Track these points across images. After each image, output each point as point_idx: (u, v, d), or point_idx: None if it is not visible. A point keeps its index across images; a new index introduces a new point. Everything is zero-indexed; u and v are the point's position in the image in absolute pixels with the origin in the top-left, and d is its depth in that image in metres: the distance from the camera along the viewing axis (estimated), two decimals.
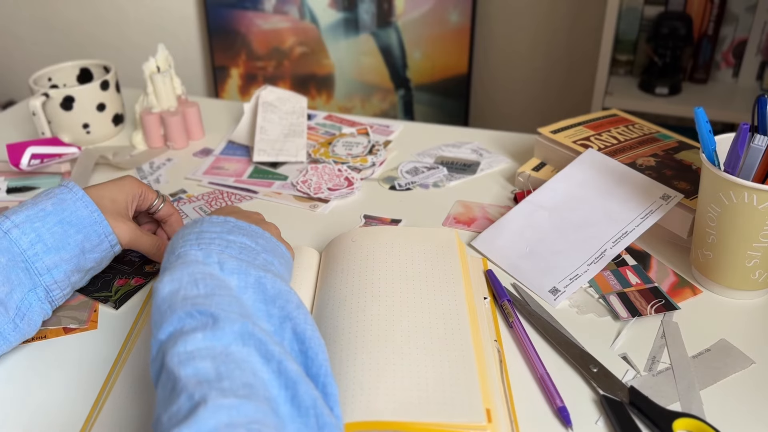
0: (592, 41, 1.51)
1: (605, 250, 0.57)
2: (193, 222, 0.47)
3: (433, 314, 0.48)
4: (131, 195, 0.56)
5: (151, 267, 0.60)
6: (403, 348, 0.45)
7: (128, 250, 0.58)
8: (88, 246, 0.51)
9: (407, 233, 0.57)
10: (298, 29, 1.65)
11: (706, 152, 0.52)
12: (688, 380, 0.46)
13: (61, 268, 0.50)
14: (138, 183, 0.57)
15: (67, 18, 1.84)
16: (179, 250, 0.44)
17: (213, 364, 0.34)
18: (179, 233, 0.47)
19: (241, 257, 0.44)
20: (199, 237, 0.45)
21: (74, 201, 0.51)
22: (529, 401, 0.45)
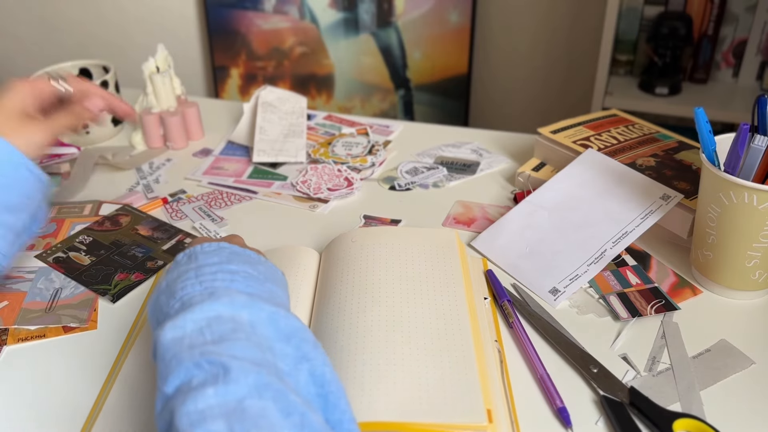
0: (592, 41, 1.51)
1: (605, 251, 0.57)
2: (184, 255, 0.43)
3: (434, 315, 0.48)
4: (19, 97, 0.54)
5: (153, 264, 0.60)
6: (403, 349, 0.45)
7: (133, 245, 0.59)
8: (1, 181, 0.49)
9: (407, 234, 0.57)
10: (298, 29, 1.65)
11: (706, 152, 0.51)
12: (688, 380, 0.46)
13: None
14: (20, 81, 0.55)
15: (67, 18, 1.84)
16: (180, 293, 0.39)
17: (227, 423, 0.30)
18: (173, 271, 0.42)
19: (249, 290, 0.40)
20: (198, 273, 0.40)
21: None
22: (529, 402, 0.45)
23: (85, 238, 0.63)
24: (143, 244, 0.62)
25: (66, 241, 0.63)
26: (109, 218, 0.66)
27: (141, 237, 0.63)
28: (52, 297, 0.56)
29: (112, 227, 0.64)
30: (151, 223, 0.66)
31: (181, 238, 0.63)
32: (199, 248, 0.43)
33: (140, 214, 0.67)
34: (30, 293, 0.56)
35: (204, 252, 0.43)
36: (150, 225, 0.65)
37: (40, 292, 0.56)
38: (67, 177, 0.76)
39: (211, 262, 0.41)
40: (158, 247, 0.62)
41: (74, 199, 0.72)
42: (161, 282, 0.42)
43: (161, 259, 0.60)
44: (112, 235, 0.63)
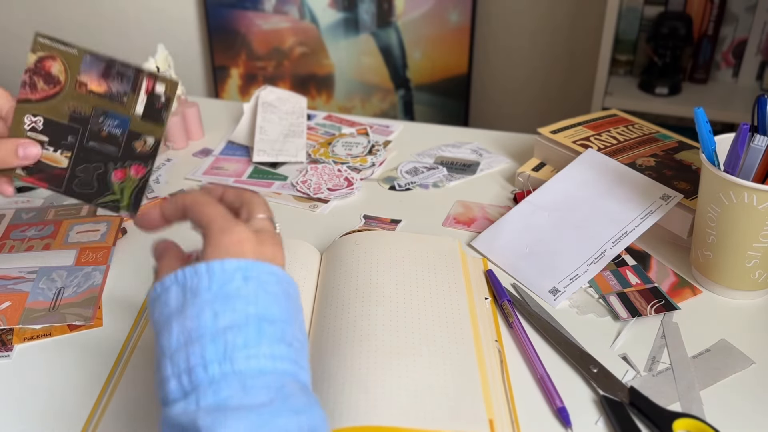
0: (592, 41, 1.51)
1: (605, 251, 0.57)
2: (190, 293, 0.34)
3: (437, 323, 0.48)
4: None
5: (142, 144, 0.49)
6: (406, 355, 0.45)
7: (98, 115, 0.47)
8: None
9: (410, 240, 0.57)
10: (298, 29, 1.65)
11: (706, 152, 0.51)
12: (688, 380, 0.46)
13: None
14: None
15: (67, 18, 1.84)
16: (187, 381, 0.32)
17: None
18: (175, 320, 0.34)
19: (290, 407, 0.32)
20: (216, 355, 0.32)
21: None
22: (529, 401, 0.45)
23: (35, 120, 0.48)
24: (110, 111, 0.49)
25: (14, 133, 0.48)
26: (36, 71, 0.48)
27: (98, 97, 0.48)
28: (55, 296, 0.56)
29: (51, 88, 0.48)
30: (95, 66, 0.48)
31: (149, 87, 0.48)
32: (211, 293, 0.34)
33: (69, 50, 0.48)
34: (32, 293, 0.56)
35: (224, 311, 0.34)
36: (97, 70, 0.48)
37: (42, 291, 0.56)
38: None
39: (238, 341, 0.33)
40: (130, 110, 0.49)
41: (74, 199, 0.72)
42: (160, 322, 0.35)
43: (148, 134, 0.48)
44: (60, 103, 0.48)
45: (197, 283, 0.34)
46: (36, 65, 0.48)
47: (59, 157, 0.49)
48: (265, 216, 0.40)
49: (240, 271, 0.35)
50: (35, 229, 0.65)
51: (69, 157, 0.49)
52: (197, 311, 0.33)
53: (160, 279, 0.36)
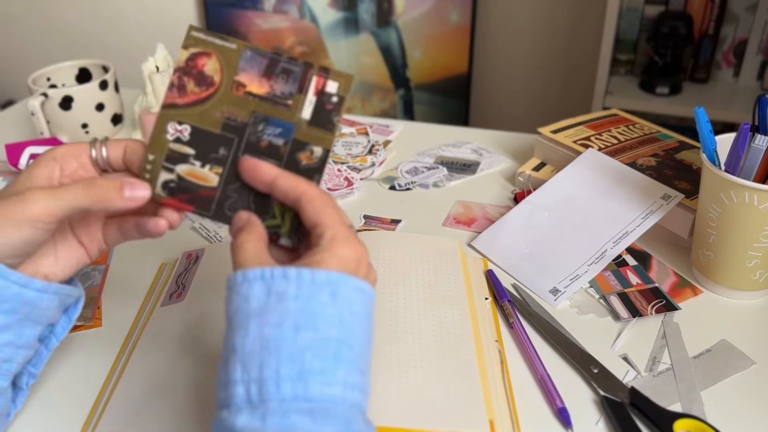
0: (592, 41, 1.51)
1: (606, 251, 0.57)
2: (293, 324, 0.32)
3: (437, 323, 0.48)
4: (40, 171, 0.38)
5: (308, 156, 0.40)
6: (407, 355, 0.45)
7: (256, 122, 0.39)
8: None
9: (410, 240, 0.57)
10: (298, 29, 1.65)
11: (707, 152, 0.51)
12: (689, 381, 0.46)
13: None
14: (51, 149, 0.40)
15: (66, 17, 1.84)
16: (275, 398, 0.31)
17: None
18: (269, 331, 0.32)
19: None
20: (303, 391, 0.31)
21: None
22: (530, 402, 0.45)
23: (180, 128, 0.40)
24: (272, 117, 0.40)
25: (154, 145, 0.39)
26: (188, 71, 0.39)
27: (258, 101, 0.40)
28: None
29: (203, 91, 0.39)
30: (256, 63, 0.40)
31: (318, 85, 0.40)
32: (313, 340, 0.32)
33: (227, 44, 0.40)
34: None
35: (306, 327, 0.32)
36: (258, 68, 0.40)
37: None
38: None
39: (315, 365, 0.32)
40: (295, 115, 0.40)
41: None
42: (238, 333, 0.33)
43: (315, 143, 0.39)
44: (212, 108, 0.39)
45: (284, 289, 0.33)
46: (187, 63, 0.39)
47: (208, 174, 0.39)
48: (351, 224, 0.38)
49: (329, 286, 0.33)
50: None
51: (220, 173, 0.39)
52: (279, 319, 0.32)
53: (243, 263, 0.35)
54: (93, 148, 0.40)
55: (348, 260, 0.35)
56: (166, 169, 0.39)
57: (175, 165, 0.39)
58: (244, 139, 0.39)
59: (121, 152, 0.40)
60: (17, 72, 1.96)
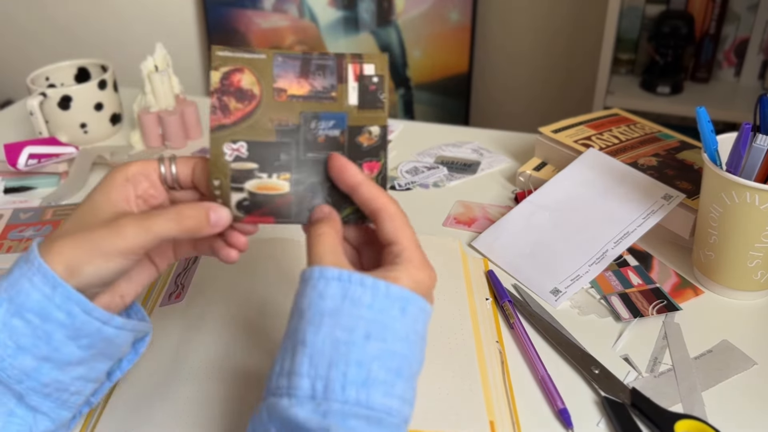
0: (593, 40, 1.51)
1: (606, 251, 0.57)
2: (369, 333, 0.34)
3: (437, 324, 0.48)
4: (116, 194, 0.38)
5: (368, 137, 0.41)
6: None
7: (307, 120, 0.40)
8: (70, 332, 0.35)
9: None
10: (298, 28, 1.64)
11: (708, 152, 0.51)
12: (690, 381, 0.46)
13: (44, 369, 0.35)
14: (122, 168, 0.39)
15: (65, 17, 1.84)
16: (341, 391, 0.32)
17: None
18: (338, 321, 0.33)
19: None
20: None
21: (29, 279, 0.35)
22: (530, 403, 0.45)
23: (236, 147, 0.40)
24: (321, 112, 0.40)
25: (216, 170, 0.39)
26: (225, 90, 0.40)
27: (302, 101, 0.40)
28: None
29: (246, 105, 0.40)
30: (289, 67, 0.40)
31: (356, 71, 0.41)
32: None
33: (256, 56, 0.40)
34: None
35: (376, 337, 0.33)
36: (293, 71, 0.40)
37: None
38: (66, 177, 0.76)
39: (380, 375, 0.33)
40: (343, 104, 0.41)
41: (73, 199, 0.71)
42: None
43: (370, 124, 0.41)
44: (261, 119, 0.40)
45: (360, 296, 0.34)
46: (223, 83, 0.40)
47: (277, 183, 0.40)
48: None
49: (401, 302, 0.34)
50: (33, 229, 0.65)
51: (288, 179, 0.40)
52: (351, 324, 0.33)
53: (320, 257, 0.36)
54: (162, 165, 0.40)
55: (421, 283, 0.36)
56: (235, 190, 0.39)
57: (242, 183, 0.39)
58: (301, 140, 0.40)
59: (190, 171, 0.40)
60: (16, 71, 1.96)
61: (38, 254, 0.35)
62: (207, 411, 0.43)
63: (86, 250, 0.35)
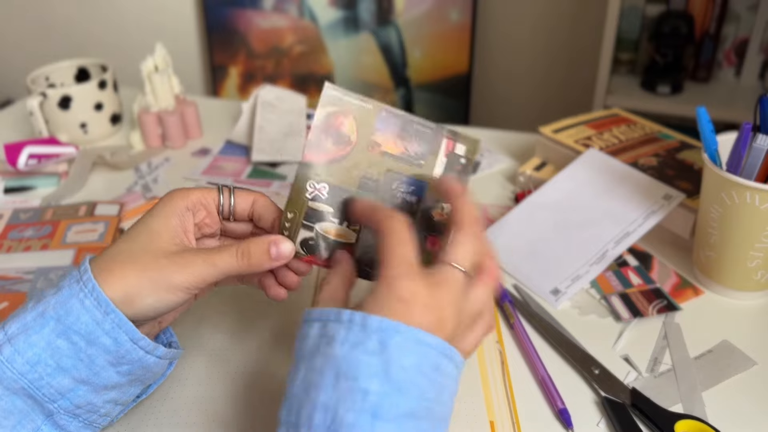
0: (593, 40, 1.51)
1: (607, 251, 0.57)
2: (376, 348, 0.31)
3: None
4: (177, 222, 0.38)
5: (441, 214, 0.40)
6: None
7: (390, 181, 0.39)
8: (112, 358, 0.35)
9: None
10: (298, 28, 1.64)
11: (708, 152, 0.51)
12: (690, 381, 0.46)
13: (80, 390, 0.35)
14: (183, 194, 0.39)
15: (65, 17, 1.84)
16: None
17: None
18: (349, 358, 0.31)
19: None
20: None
21: (80, 301, 0.35)
22: (531, 403, 0.45)
23: (318, 187, 0.40)
24: (406, 176, 0.40)
25: (294, 203, 0.40)
26: (326, 129, 0.40)
27: (392, 160, 0.40)
28: None
29: (340, 150, 0.40)
30: (390, 125, 0.41)
31: (449, 147, 0.41)
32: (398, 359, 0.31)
33: (363, 104, 0.40)
34: (30, 294, 0.55)
35: (346, 377, 0.30)
36: (393, 129, 0.41)
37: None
38: (66, 177, 0.76)
39: (348, 418, 0.30)
40: (426, 174, 0.41)
41: (72, 199, 0.71)
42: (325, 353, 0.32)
43: (443, 199, 0.40)
44: (349, 167, 0.40)
45: (335, 332, 0.32)
46: (325, 122, 0.40)
47: (347, 231, 0.40)
48: (462, 268, 0.34)
49: (379, 333, 0.31)
50: (33, 229, 0.65)
51: (357, 230, 0.40)
52: (322, 365, 0.31)
53: (320, 300, 0.35)
54: (222, 196, 0.40)
55: (384, 302, 0.32)
56: (305, 227, 0.40)
57: (314, 222, 0.40)
58: (380, 196, 0.40)
59: (249, 205, 0.41)
60: (16, 71, 1.96)
61: (92, 276, 0.35)
62: (207, 411, 0.43)
63: (151, 282, 0.35)
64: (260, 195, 0.41)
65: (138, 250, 0.36)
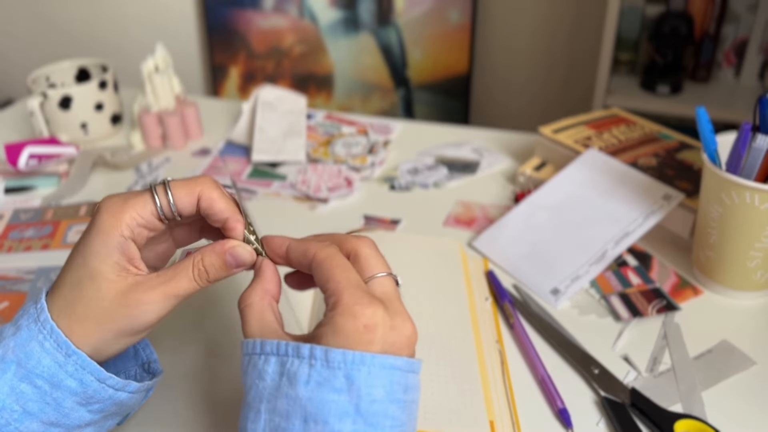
0: (593, 40, 1.51)
1: (606, 251, 0.57)
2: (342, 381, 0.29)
3: (437, 324, 0.48)
4: (117, 257, 0.34)
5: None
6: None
7: None
8: (80, 399, 0.34)
9: (410, 240, 0.57)
10: (298, 28, 1.64)
11: (708, 152, 0.51)
12: (690, 381, 0.46)
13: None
14: (113, 223, 0.34)
15: (65, 17, 1.84)
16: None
17: None
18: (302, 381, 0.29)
19: None
20: None
21: (40, 343, 0.33)
22: (530, 403, 0.45)
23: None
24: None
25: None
26: None
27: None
28: None
29: None
30: None
31: None
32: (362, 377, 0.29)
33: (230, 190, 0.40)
34: (30, 294, 0.56)
35: (315, 421, 0.29)
36: None
37: (41, 292, 0.56)
38: (66, 177, 0.76)
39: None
40: None
41: (72, 199, 0.71)
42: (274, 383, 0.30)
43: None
44: None
45: (296, 370, 0.29)
46: None
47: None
48: (385, 273, 0.33)
49: (343, 368, 0.29)
50: (34, 229, 0.65)
51: None
52: (288, 409, 0.29)
53: (251, 332, 0.32)
54: (157, 199, 0.35)
55: (351, 332, 0.30)
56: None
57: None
58: None
59: (194, 200, 0.35)
60: (16, 71, 1.96)
61: (49, 317, 0.33)
62: (207, 411, 0.43)
63: (114, 334, 0.33)
64: (206, 187, 0.35)
65: (89, 301, 0.33)
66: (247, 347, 0.32)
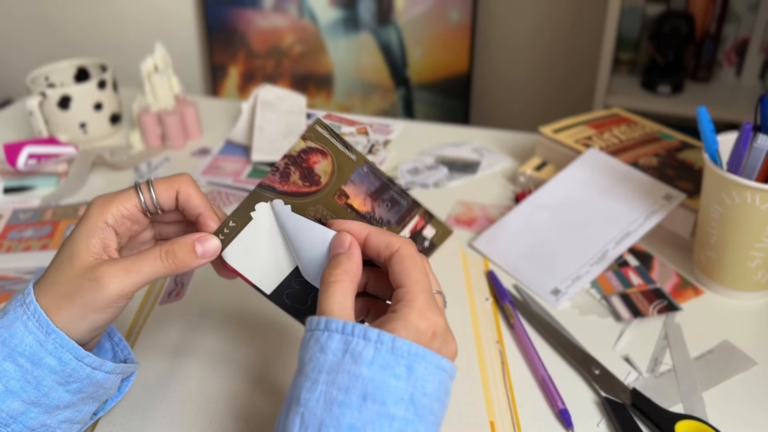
0: (593, 40, 1.51)
1: (607, 251, 0.57)
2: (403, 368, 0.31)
3: None
4: (96, 240, 0.36)
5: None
6: None
7: None
8: (60, 378, 0.35)
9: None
10: (298, 28, 1.64)
11: (709, 152, 0.51)
12: (691, 382, 0.46)
13: (31, 413, 0.35)
14: (102, 209, 0.37)
15: (64, 16, 1.84)
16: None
17: None
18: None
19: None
20: None
21: (23, 323, 0.35)
22: (531, 403, 0.45)
23: None
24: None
25: (240, 215, 0.39)
26: (297, 162, 0.39)
27: (354, 215, 0.40)
28: None
29: (305, 187, 0.39)
30: (366, 183, 0.40)
31: (417, 225, 0.42)
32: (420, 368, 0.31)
33: (347, 152, 0.39)
34: None
35: (373, 400, 0.31)
36: (367, 187, 0.40)
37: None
38: (65, 177, 0.75)
39: None
40: None
41: (72, 199, 0.71)
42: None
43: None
44: (306, 206, 0.39)
45: (361, 350, 0.31)
46: (300, 154, 0.38)
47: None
48: (439, 290, 0.36)
49: (407, 358, 0.31)
50: (33, 229, 0.65)
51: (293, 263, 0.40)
52: (348, 383, 0.31)
53: (330, 309, 0.33)
54: (141, 194, 0.38)
55: (421, 332, 0.32)
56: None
57: None
58: None
59: (173, 194, 0.38)
60: (15, 71, 1.96)
61: (34, 298, 0.35)
62: (207, 410, 0.43)
63: (81, 308, 0.35)
64: (183, 183, 0.38)
65: (65, 280, 0.36)
66: (311, 324, 0.33)
